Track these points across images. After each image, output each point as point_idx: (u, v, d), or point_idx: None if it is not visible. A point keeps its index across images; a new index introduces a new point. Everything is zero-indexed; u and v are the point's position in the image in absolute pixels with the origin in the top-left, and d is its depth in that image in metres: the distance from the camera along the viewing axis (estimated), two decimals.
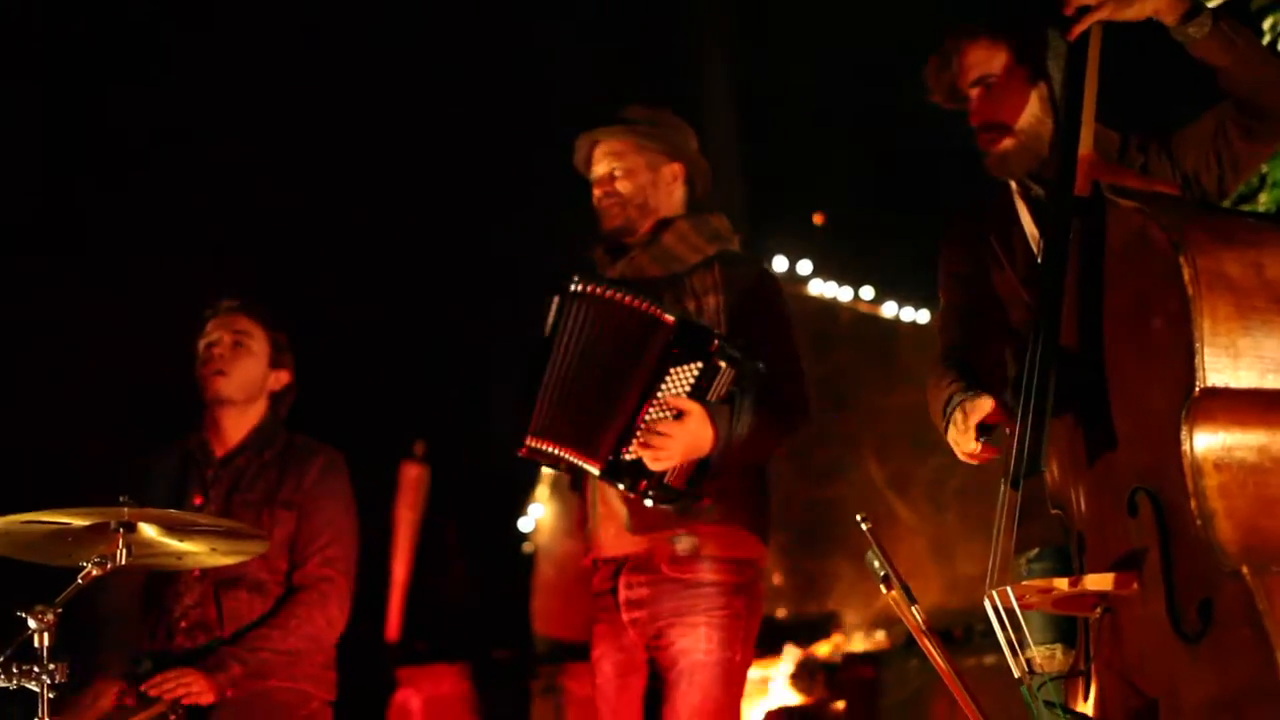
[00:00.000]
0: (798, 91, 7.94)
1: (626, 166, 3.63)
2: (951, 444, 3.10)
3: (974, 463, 3.10)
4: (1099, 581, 2.63)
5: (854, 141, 7.68)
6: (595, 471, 3.41)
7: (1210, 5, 4.13)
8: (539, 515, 9.16)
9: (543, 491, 9.13)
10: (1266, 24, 4.30)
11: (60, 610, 2.97)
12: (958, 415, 3.04)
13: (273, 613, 3.89)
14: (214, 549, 3.32)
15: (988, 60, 3.08)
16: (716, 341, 3.34)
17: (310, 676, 3.94)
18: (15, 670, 2.93)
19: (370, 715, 6.84)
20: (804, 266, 8.67)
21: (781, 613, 8.15)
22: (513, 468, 8.73)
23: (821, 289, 8.64)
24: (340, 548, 4.00)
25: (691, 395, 3.33)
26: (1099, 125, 2.96)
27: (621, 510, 3.48)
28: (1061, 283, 2.75)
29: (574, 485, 3.66)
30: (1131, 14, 2.84)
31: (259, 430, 4.07)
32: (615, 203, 3.62)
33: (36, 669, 2.93)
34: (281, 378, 4.14)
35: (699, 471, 3.35)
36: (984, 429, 3.05)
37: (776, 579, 8.33)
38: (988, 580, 2.82)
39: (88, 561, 3.05)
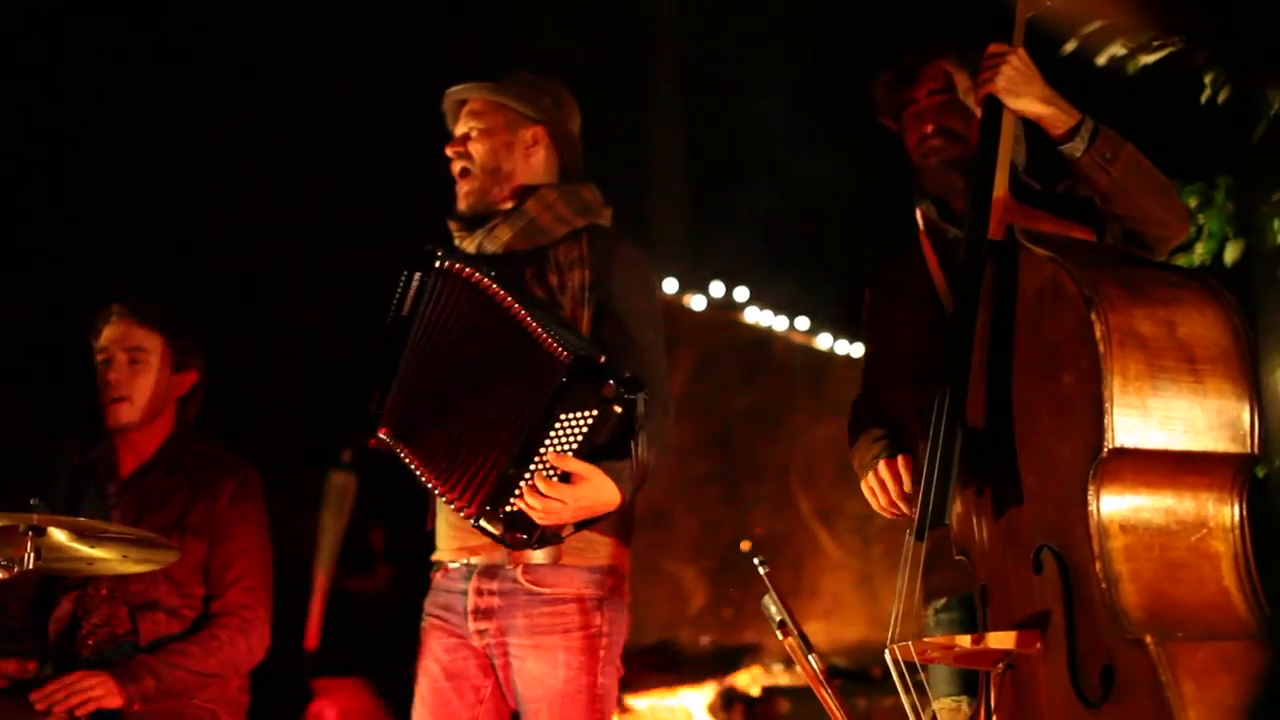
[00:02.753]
0: (741, 119, 7.92)
1: (484, 127, 3.33)
2: (867, 491, 3.05)
3: (886, 515, 3.03)
4: (1002, 640, 2.58)
5: (794, 172, 7.66)
6: (467, 516, 3.03)
7: (1152, 59, 4.15)
8: None
9: None
10: (1207, 78, 4.28)
11: None
12: (881, 466, 2.98)
13: (190, 634, 3.76)
14: (125, 555, 3.23)
15: (951, 76, 3.07)
16: (611, 384, 2.95)
17: (224, 699, 3.81)
18: None
19: None
20: (740, 294, 8.63)
21: (705, 640, 8.09)
22: None
23: (757, 317, 8.59)
24: (257, 575, 3.86)
25: (583, 444, 2.96)
26: (1020, 172, 2.94)
27: None
28: (970, 330, 2.71)
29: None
30: (1018, 106, 2.83)
31: (168, 445, 3.90)
32: (470, 173, 3.31)
33: None
34: (187, 379, 3.94)
35: (583, 525, 3.05)
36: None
37: (699, 604, 8.28)
38: (890, 634, 2.76)
39: None
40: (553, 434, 2.97)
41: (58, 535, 3.07)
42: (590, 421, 2.96)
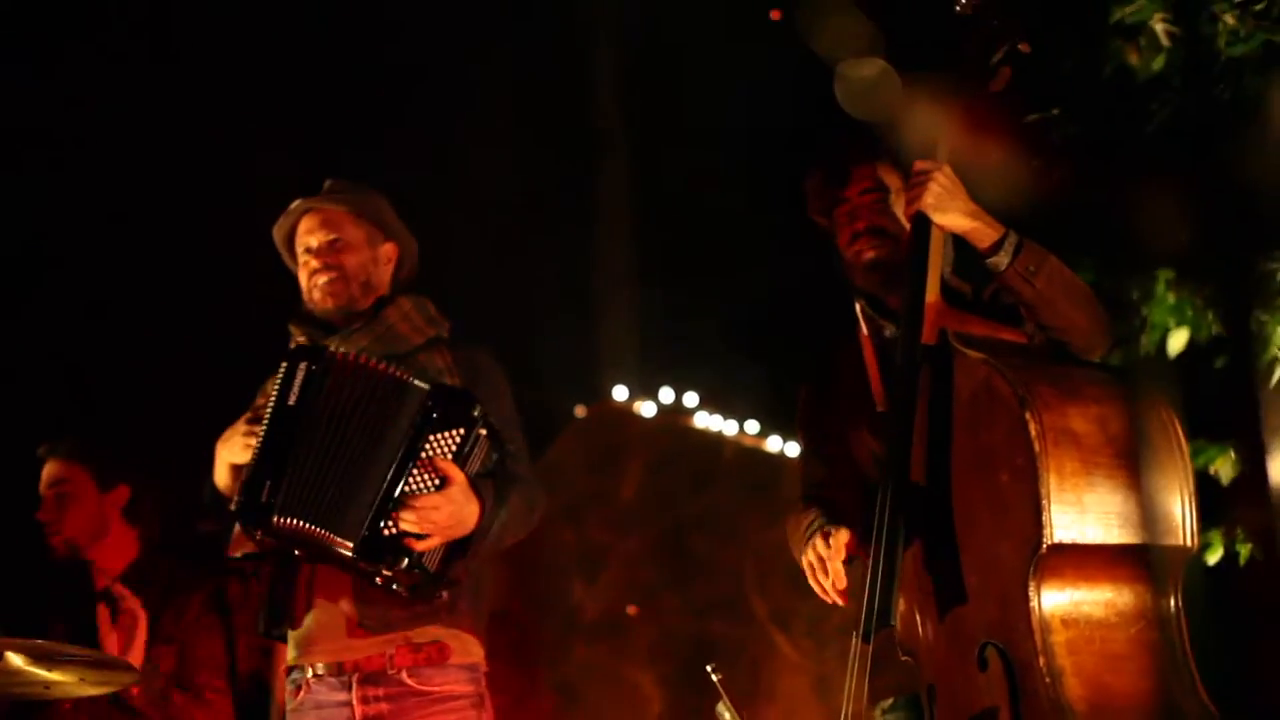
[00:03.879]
0: (683, 225, 8.00)
1: (346, 239, 3.40)
2: (806, 569, 3.00)
3: (827, 599, 2.98)
4: None
5: (742, 274, 7.74)
6: (348, 552, 3.08)
7: None
8: None
9: None
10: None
11: None
12: (818, 540, 2.96)
13: None
14: (82, 679, 3.22)
15: (885, 177, 3.12)
16: (478, 408, 3.14)
17: None
18: None
19: None
20: (690, 399, 8.67)
21: None
22: None
23: (707, 422, 8.62)
24: (222, 681, 3.95)
25: (454, 461, 3.11)
26: (947, 277, 3.00)
27: (348, 607, 3.20)
28: (909, 433, 2.76)
29: (276, 586, 3.26)
30: (944, 222, 2.89)
31: (137, 564, 4.05)
32: (338, 278, 3.36)
33: None
34: (120, 495, 4.08)
35: (454, 553, 3.12)
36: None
37: (658, 710, 8.22)
38: None
39: None
40: (425, 450, 3.10)
41: (14, 660, 3.05)
42: (458, 439, 3.11)
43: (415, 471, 3.10)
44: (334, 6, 6.20)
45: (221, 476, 3.29)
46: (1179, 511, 2.56)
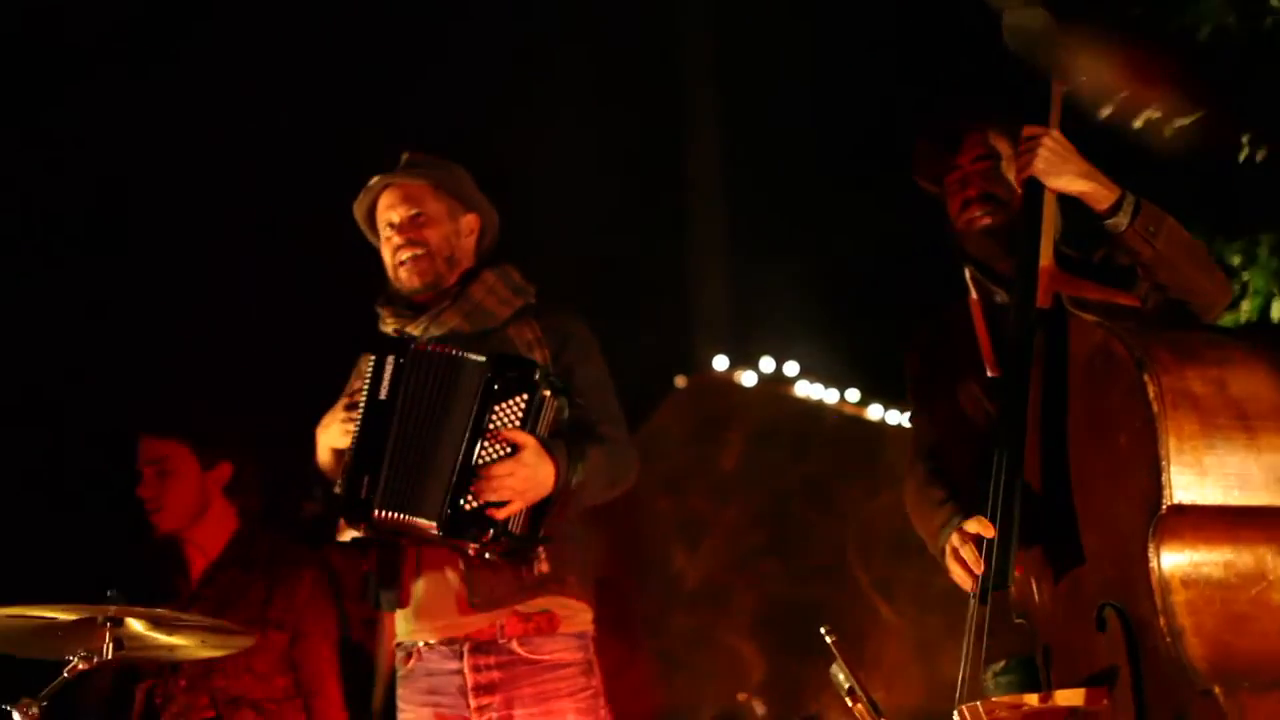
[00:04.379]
0: (783, 195, 8.00)
1: (430, 213, 3.40)
2: (954, 576, 3.00)
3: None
4: (1069, 697, 2.62)
5: (841, 242, 7.72)
6: (434, 531, 3.14)
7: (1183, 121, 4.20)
8: None
9: None
10: (1245, 138, 4.34)
11: (45, 704, 2.96)
12: (955, 537, 2.94)
13: None
14: (203, 641, 3.30)
15: (995, 143, 3.11)
16: (538, 371, 3.18)
17: None
18: None
19: None
20: (790, 368, 8.68)
21: (763, 713, 8.08)
22: None
23: (808, 390, 8.63)
24: (332, 662, 3.98)
25: (521, 427, 3.15)
26: (1059, 243, 2.99)
27: (456, 583, 3.25)
28: (1024, 397, 2.77)
29: (384, 567, 3.33)
30: (1058, 185, 2.90)
31: (236, 541, 4.02)
32: (423, 255, 3.37)
33: None
34: (223, 472, 4.04)
35: (539, 515, 3.16)
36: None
37: (759, 678, 8.27)
38: (957, 696, 2.81)
39: (74, 655, 3.03)
40: (492, 426, 3.14)
41: (135, 626, 3.13)
42: (523, 405, 3.15)
43: (485, 443, 3.14)
44: None
45: (324, 459, 3.35)
46: None
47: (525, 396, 3.16)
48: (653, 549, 8.38)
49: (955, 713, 2.76)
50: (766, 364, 8.48)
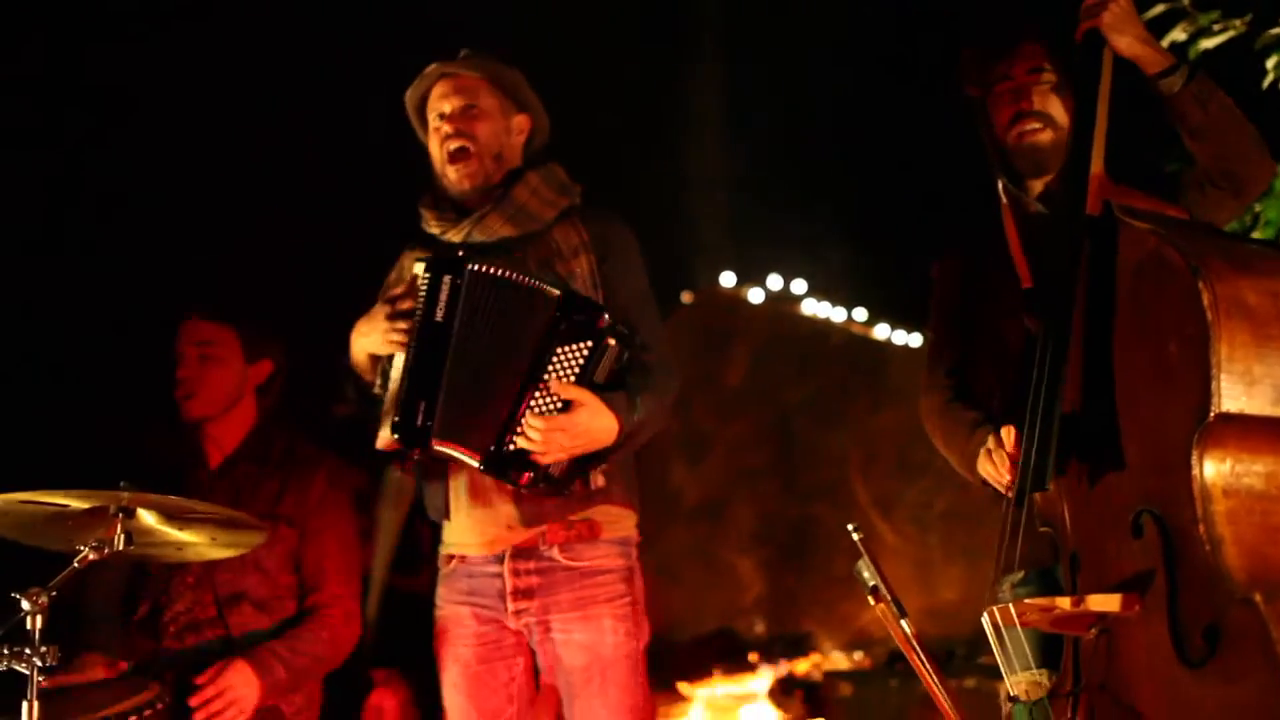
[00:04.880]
0: (793, 112, 7.96)
1: (483, 106, 3.31)
2: (984, 472, 3.00)
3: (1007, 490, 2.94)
4: (1104, 602, 2.62)
5: (851, 162, 7.69)
6: (475, 463, 3.09)
7: (1212, 43, 4.19)
8: None
9: None
10: (1270, 63, 4.31)
11: (54, 594, 2.92)
12: (991, 440, 2.95)
13: (280, 628, 3.77)
14: (214, 539, 3.25)
15: (1046, 58, 3.10)
16: (605, 317, 3.09)
17: (307, 705, 3.82)
18: (5, 652, 2.86)
19: (345, 716, 6.79)
20: (798, 286, 8.68)
21: (760, 628, 8.14)
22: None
23: (815, 309, 8.64)
24: (352, 569, 3.89)
25: (580, 378, 3.08)
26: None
27: (505, 509, 3.22)
28: (1072, 299, 2.75)
29: (431, 483, 3.31)
30: (1121, 44, 2.91)
31: (254, 436, 3.92)
32: (472, 155, 3.27)
33: (28, 651, 2.88)
34: (263, 369, 3.93)
35: (586, 463, 3.13)
36: None
37: (756, 594, 8.33)
38: (988, 596, 2.82)
39: (85, 546, 2.97)
40: (551, 367, 3.09)
41: (146, 517, 3.09)
42: (586, 353, 3.08)
43: (541, 387, 3.08)
44: None
45: (360, 360, 3.29)
46: None
47: (589, 344, 3.09)
48: (652, 464, 8.42)
49: (985, 613, 2.76)
50: (774, 281, 8.49)
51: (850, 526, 2.96)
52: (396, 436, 3.14)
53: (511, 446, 3.07)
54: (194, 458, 3.91)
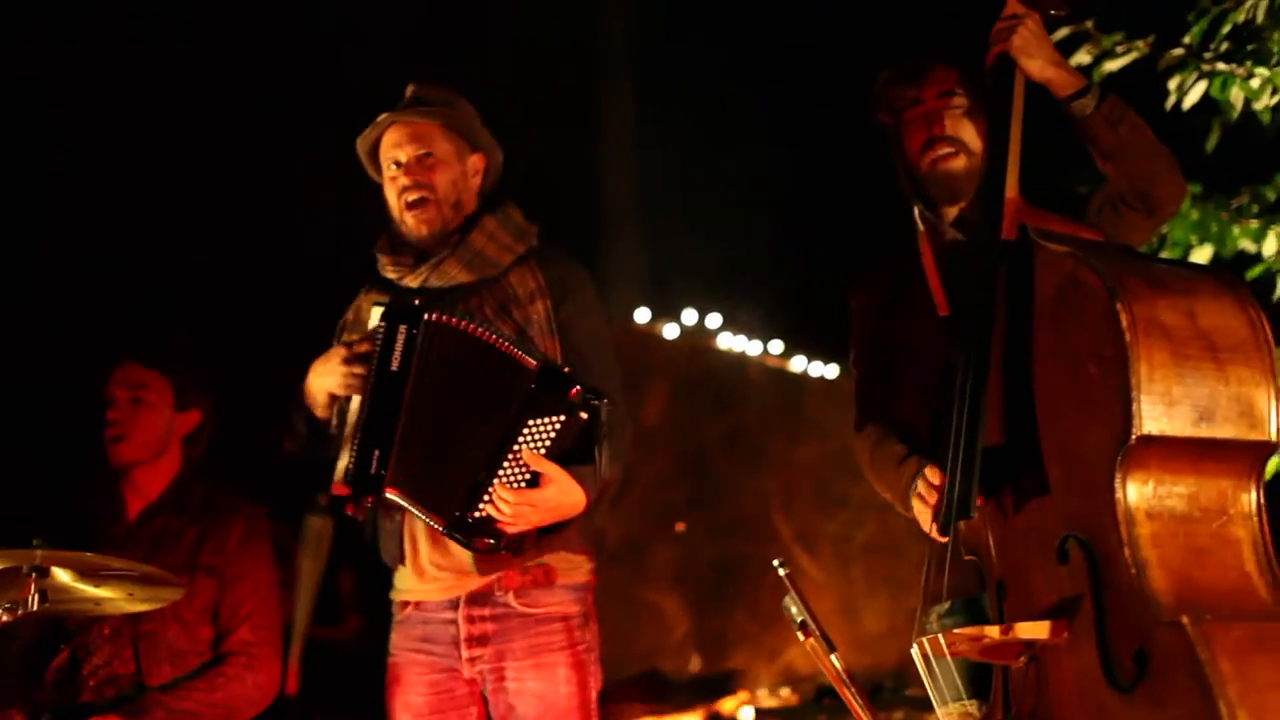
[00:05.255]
0: (704, 143, 7.97)
1: (438, 154, 3.29)
2: (918, 514, 2.95)
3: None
4: (1033, 630, 2.61)
5: (763, 194, 7.71)
6: (438, 526, 3.09)
7: (1116, 65, 4.23)
8: None
9: None
10: (1172, 84, 4.36)
11: None
12: (920, 484, 2.91)
13: (198, 675, 3.74)
14: (131, 594, 3.20)
15: (957, 83, 3.10)
16: (577, 389, 3.06)
17: None
18: None
19: None
20: (713, 320, 8.67)
21: (686, 668, 8.09)
22: None
23: (730, 343, 8.63)
24: (267, 615, 3.85)
25: (550, 450, 3.04)
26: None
27: (461, 553, 3.18)
28: (990, 325, 2.74)
29: (385, 529, 3.29)
30: (1031, 68, 2.91)
31: (174, 486, 3.88)
32: (430, 202, 3.26)
33: None
34: (191, 419, 3.92)
35: (550, 530, 3.11)
36: None
37: (681, 634, 8.27)
38: (915, 628, 2.79)
39: None
40: (521, 439, 3.06)
41: (62, 576, 3.04)
42: (558, 426, 3.05)
43: (510, 459, 3.05)
44: None
45: (318, 400, 3.25)
46: (1264, 407, 2.54)
47: (562, 418, 3.06)
48: None
49: (914, 645, 2.73)
50: (689, 316, 8.46)
51: (776, 562, 2.94)
52: (349, 482, 3.10)
53: (478, 514, 3.05)
54: (111, 508, 3.86)
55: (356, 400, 3.18)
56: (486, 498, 3.05)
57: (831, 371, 8.55)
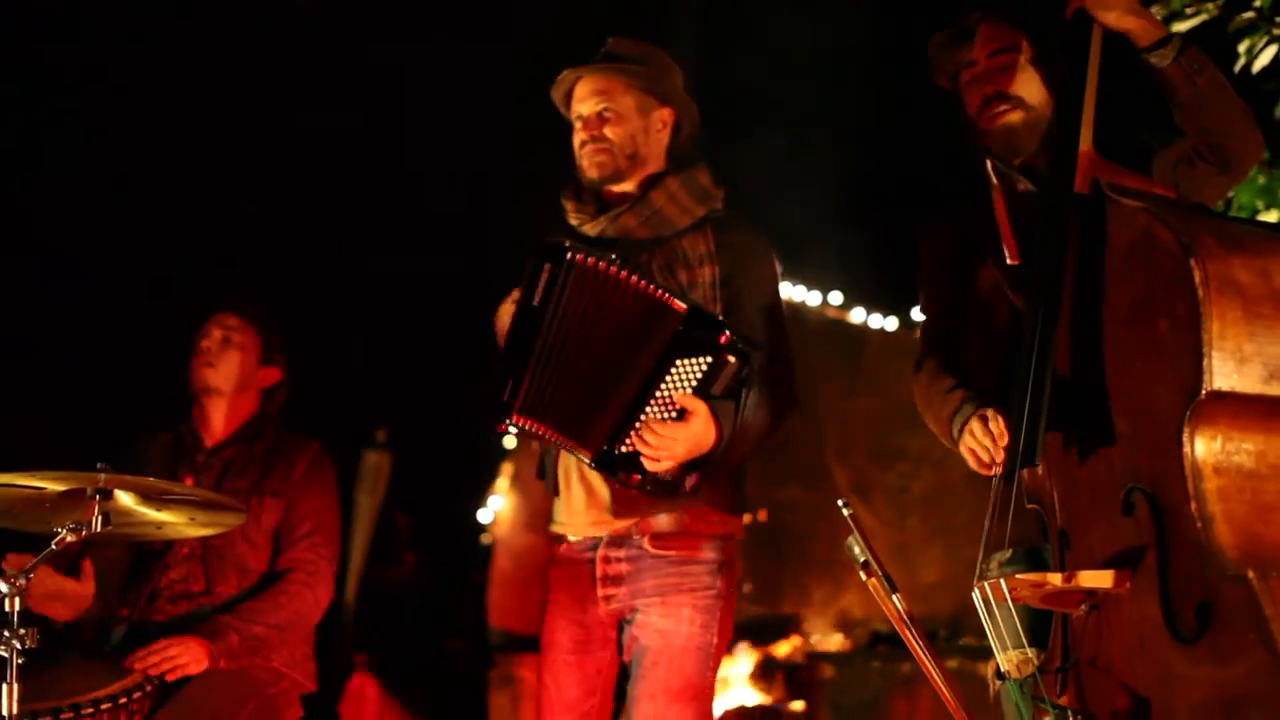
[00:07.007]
0: (767, 92, 7.93)
1: (617, 109, 3.38)
2: (967, 452, 3.03)
3: (985, 473, 3.01)
4: (1096, 578, 2.63)
5: (826, 145, 7.67)
6: (586, 460, 3.22)
7: (1185, 26, 4.19)
8: (498, 508, 9.12)
9: (503, 484, 9.10)
10: (1242, 47, 4.32)
11: (33, 575, 2.94)
12: (976, 425, 2.99)
13: (260, 590, 3.98)
14: (192, 519, 3.31)
15: (1010, 37, 3.10)
16: (727, 334, 3.12)
17: (295, 662, 4.01)
18: None
19: (327, 700, 6.79)
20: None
21: (743, 612, 8.14)
22: (476, 459, 8.69)
23: (790, 293, 8.62)
24: (325, 535, 4.08)
25: (697, 390, 3.13)
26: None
27: (603, 493, 3.33)
28: (1060, 276, 2.76)
29: (540, 472, 3.49)
30: (1109, 19, 2.89)
31: (250, 423, 4.17)
32: (603, 149, 3.37)
33: (6, 633, 2.88)
34: (271, 375, 4.22)
35: (694, 466, 3.17)
36: None
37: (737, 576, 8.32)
38: (976, 574, 2.82)
39: (62, 528, 3.00)
40: (669, 377, 3.14)
41: (124, 499, 3.13)
42: (705, 367, 3.12)
43: (658, 395, 3.15)
44: None
45: (501, 336, 3.35)
46: None
47: (710, 359, 3.13)
48: None
49: (975, 588, 2.76)
50: None
51: (840, 502, 2.98)
52: (484, 407, 3.25)
53: (624, 448, 3.17)
54: (193, 441, 4.14)
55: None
56: (633, 432, 3.15)
57: (891, 324, 8.52)
